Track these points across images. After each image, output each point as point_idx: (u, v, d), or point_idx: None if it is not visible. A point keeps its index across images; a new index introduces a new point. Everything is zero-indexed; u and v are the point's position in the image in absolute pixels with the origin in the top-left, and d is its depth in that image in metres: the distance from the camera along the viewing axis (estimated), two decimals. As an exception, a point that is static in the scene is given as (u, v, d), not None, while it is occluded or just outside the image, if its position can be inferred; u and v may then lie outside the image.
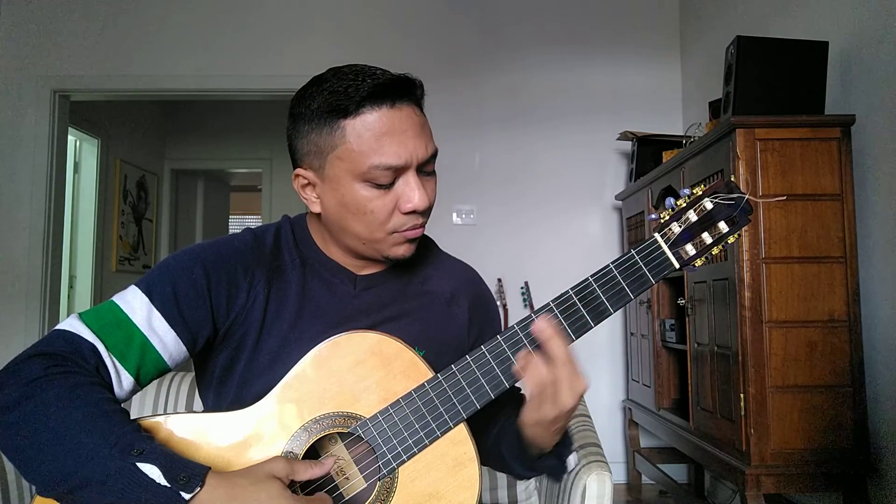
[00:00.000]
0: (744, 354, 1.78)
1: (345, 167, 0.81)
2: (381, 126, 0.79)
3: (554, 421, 0.79)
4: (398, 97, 0.80)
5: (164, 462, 0.66)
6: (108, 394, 0.73)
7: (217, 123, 5.38)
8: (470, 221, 3.32)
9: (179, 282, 0.82)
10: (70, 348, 0.75)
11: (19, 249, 3.27)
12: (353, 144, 0.79)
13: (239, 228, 4.69)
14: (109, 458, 0.66)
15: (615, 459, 3.13)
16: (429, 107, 0.89)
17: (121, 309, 0.79)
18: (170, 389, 1.49)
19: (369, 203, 0.81)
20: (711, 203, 0.81)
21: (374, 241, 0.84)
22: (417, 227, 0.85)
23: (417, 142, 0.81)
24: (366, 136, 0.79)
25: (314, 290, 0.89)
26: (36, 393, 0.69)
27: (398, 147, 0.79)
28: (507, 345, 0.80)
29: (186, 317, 0.81)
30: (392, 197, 0.82)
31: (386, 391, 0.80)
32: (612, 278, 0.80)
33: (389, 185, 0.81)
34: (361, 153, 0.79)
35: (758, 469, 1.72)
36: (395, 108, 0.80)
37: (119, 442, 0.67)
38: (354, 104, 0.79)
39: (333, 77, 0.82)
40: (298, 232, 0.93)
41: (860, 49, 1.92)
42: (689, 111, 3.23)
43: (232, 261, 0.86)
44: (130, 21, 3.38)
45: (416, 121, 0.82)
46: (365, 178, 0.80)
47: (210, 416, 0.79)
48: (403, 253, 0.87)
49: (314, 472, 0.75)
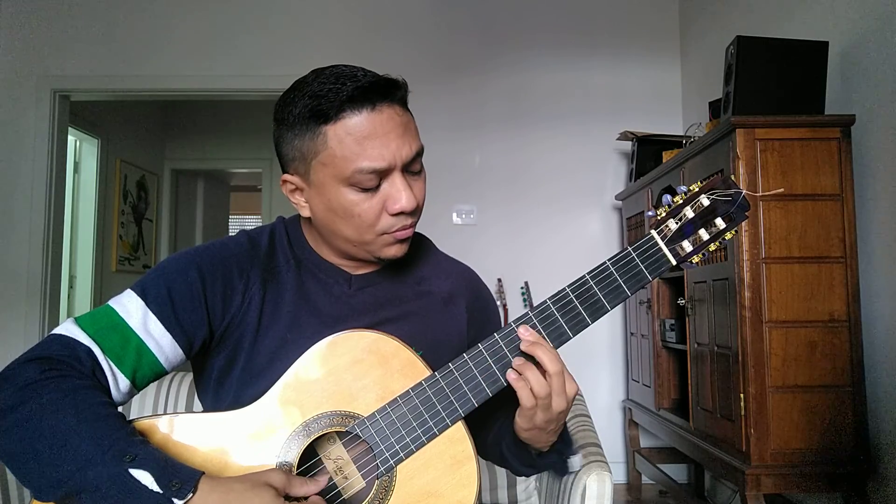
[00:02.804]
0: (744, 354, 1.78)
1: (329, 172, 0.80)
2: (363, 130, 0.78)
3: (548, 423, 0.80)
4: (379, 99, 0.79)
5: (157, 468, 0.66)
6: (103, 397, 0.73)
7: (217, 123, 5.38)
8: (470, 221, 3.32)
9: (175, 285, 0.82)
10: (66, 352, 0.75)
11: (19, 249, 3.27)
12: (335, 150, 0.79)
13: (239, 228, 4.69)
14: (102, 464, 0.65)
15: (615, 459, 3.13)
16: (429, 107, 0.89)
17: (117, 312, 0.79)
18: (169, 390, 1.49)
19: (356, 207, 0.81)
20: (708, 199, 0.82)
21: (365, 243, 0.84)
22: (407, 227, 0.84)
23: (400, 142, 0.80)
24: (347, 140, 0.78)
25: (310, 291, 0.89)
26: (31, 397, 0.69)
27: (381, 150, 0.79)
28: (504, 342, 0.81)
29: (182, 320, 0.81)
30: (379, 199, 0.81)
31: (384, 390, 0.80)
32: (609, 275, 0.81)
33: (375, 188, 0.81)
34: (344, 158, 0.78)
35: (758, 469, 1.72)
36: (377, 110, 0.79)
37: (112, 448, 0.67)
38: (335, 109, 0.78)
39: (314, 81, 0.81)
40: (292, 233, 0.93)
41: (860, 49, 1.92)
42: (689, 111, 3.23)
43: (227, 263, 0.86)
44: (130, 21, 3.38)
45: (398, 121, 0.80)
46: (350, 183, 0.80)
47: (208, 416, 0.79)
48: (395, 253, 0.86)
49: (309, 489, 0.74)
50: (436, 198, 3.29)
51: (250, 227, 0.97)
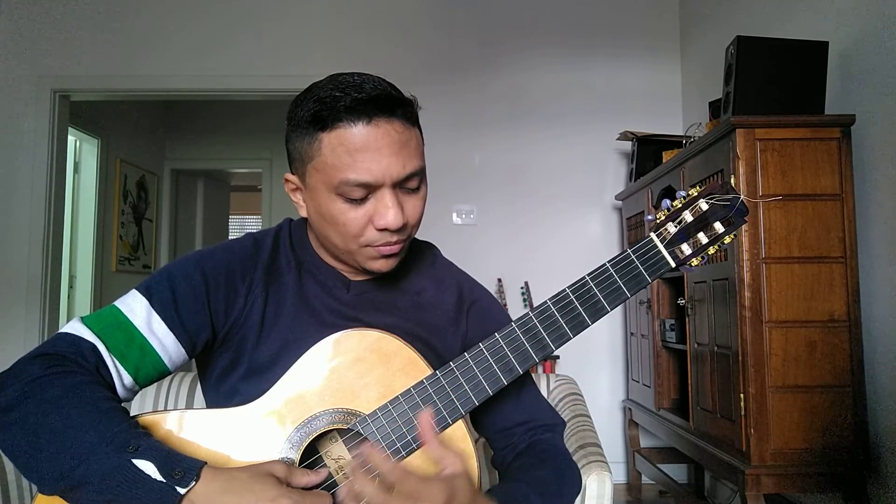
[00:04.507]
0: (744, 354, 1.78)
1: (320, 178, 0.80)
2: (355, 142, 0.77)
3: None
4: (377, 113, 0.78)
5: (160, 458, 0.67)
6: (106, 392, 0.74)
7: (217, 123, 5.38)
8: (470, 221, 3.33)
9: (179, 287, 0.84)
10: (71, 349, 0.77)
11: (19, 249, 3.27)
12: (327, 157, 0.79)
13: (239, 228, 4.69)
14: (106, 455, 0.67)
15: (615, 459, 3.13)
16: (429, 108, 0.88)
17: (121, 312, 0.81)
18: (170, 388, 1.49)
19: (342, 216, 0.81)
20: (707, 204, 0.83)
21: (349, 251, 0.84)
22: (392, 244, 0.83)
23: (393, 160, 0.78)
24: (339, 150, 0.78)
25: (309, 293, 0.90)
26: (36, 392, 0.71)
27: (370, 164, 0.77)
28: (506, 342, 0.81)
29: (185, 321, 0.83)
30: (366, 212, 0.80)
31: (385, 388, 0.80)
32: (608, 277, 0.82)
33: (363, 200, 0.80)
34: (334, 167, 0.78)
35: (758, 469, 1.72)
36: (373, 124, 0.77)
37: (115, 439, 0.68)
38: (332, 118, 0.78)
39: (325, 86, 0.81)
40: (296, 235, 0.94)
41: (860, 49, 1.92)
42: (689, 111, 3.23)
43: (231, 267, 0.87)
44: (130, 21, 3.38)
45: (395, 138, 0.79)
46: (338, 192, 0.79)
47: (210, 412, 0.80)
48: (380, 268, 0.85)
49: (310, 480, 0.76)
50: (436, 198, 3.28)
51: (251, 228, 0.97)
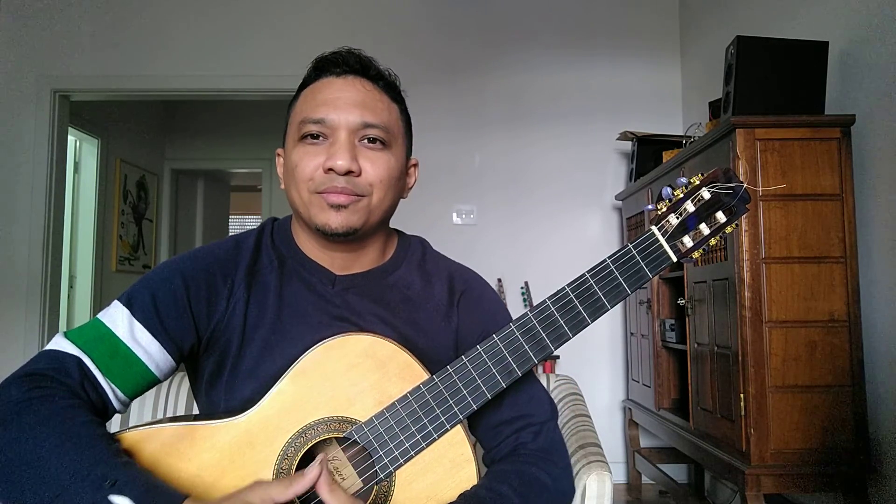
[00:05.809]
0: (744, 354, 1.78)
1: (292, 131, 0.86)
2: (323, 89, 0.85)
3: None
4: (348, 71, 0.85)
5: (139, 492, 0.65)
6: (87, 416, 0.72)
7: (217, 123, 5.37)
8: (470, 221, 3.32)
9: (159, 293, 0.82)
10: (54, 365, 0.75)
11: (19, 249, 3.27)
12: (299, 107, 0.86)
13: (239, 228, 4.73)
14: (81, 491, 0.65)
15: (615, 459, 3.13)
16: (429, 108, 0.91)
17: (104, 324, 0.80)
18: (168, 392, 1.49)
19: (300, 161, 0.83)
20: (709, 192, 0.80)
21: (305, 204, 0.84)
22: (338, 190, 0.81)
23: (352, 108, 0.83)
24: (308, 97, 0.86)
25: (293, 292, 0.87)
26: (13, 419, 0.69)
27: (329, 105, 0.83)
28: (503, 344, 0.80)
29: (168, 327, 0.81)
30: (320, 154, 0.83)
31: (381, 394, 0.79)
32: (609, 274, 0.80)
33: (321, 143, 0.83)
34: (300, 111, 0.85)
35: (758, 469, 1.72)
36: (342, 77, 0.85)
37: (91, 473, 0.66)
38: (313, 75, 0.87)
39: None
40: (280, 231, 0.93)
41: (860, 49, 1.92)
42: (689, 111, 3.23)
43: (212, 269, 0.86)
44: (131, 21, 3.38)
45: (359, 89, 0.84)
46: (300, 136, 0.84)
47: (202, 424, 0.78)
48: (327, 221, 0.82)
49: (295, 489, 0.71)
50: (436, 198, 3.30)
51: (250, 228, 0.97)
